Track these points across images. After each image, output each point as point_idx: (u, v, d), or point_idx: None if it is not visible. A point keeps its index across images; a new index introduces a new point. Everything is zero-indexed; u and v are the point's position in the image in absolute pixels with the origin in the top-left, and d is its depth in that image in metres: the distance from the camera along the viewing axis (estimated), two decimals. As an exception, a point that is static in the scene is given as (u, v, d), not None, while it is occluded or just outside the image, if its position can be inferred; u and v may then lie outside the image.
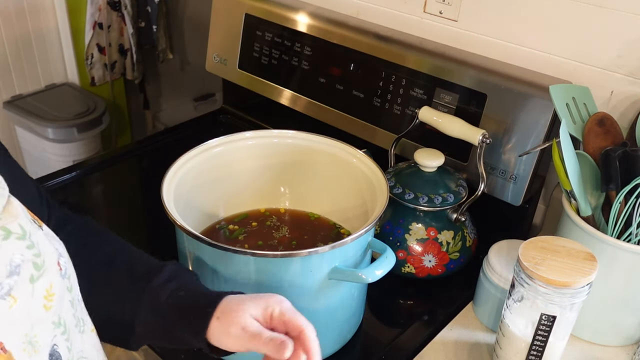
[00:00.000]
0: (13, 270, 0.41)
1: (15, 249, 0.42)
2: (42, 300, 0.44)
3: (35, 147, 1.78)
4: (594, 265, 0.65)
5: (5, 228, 0.42)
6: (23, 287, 0.42)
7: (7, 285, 0.41)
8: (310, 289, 0.68)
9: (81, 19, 1.79)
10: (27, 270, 0.43)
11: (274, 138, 0.86)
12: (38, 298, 0.43)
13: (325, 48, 1.06)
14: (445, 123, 0.88)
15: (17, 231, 0.42)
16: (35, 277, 0.43)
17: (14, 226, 0.42)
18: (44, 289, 0.44)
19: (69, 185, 1.09)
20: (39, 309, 0.44)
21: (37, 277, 0.43)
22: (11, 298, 0.41)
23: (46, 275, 0.44)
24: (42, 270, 0.44)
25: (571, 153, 0.72)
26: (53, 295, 0.45)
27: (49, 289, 0.45)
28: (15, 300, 0.41)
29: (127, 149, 1.25)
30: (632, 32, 0.81)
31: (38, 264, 0.44)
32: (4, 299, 0.40)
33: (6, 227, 0.42)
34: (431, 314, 0.84)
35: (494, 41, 0.94)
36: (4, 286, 0.40)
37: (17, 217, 0.43)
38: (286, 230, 0.85)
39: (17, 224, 0.42)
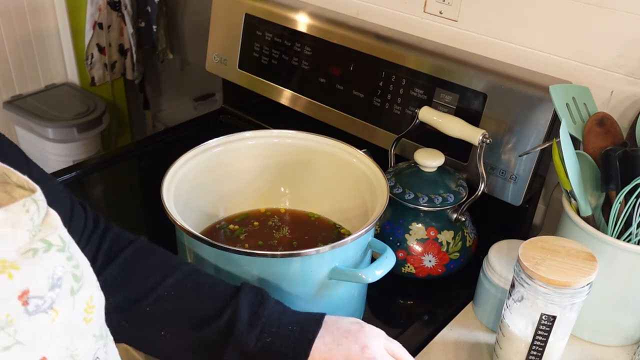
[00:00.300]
0: (55, 283, 0.40)
1: (56, 261, 0.41)
2: (82, 313, 0.43)
3: (35, 147, 1.78)
4: (594, 265, 0.65)
5: (46, 240, 0.41)
6: (64, 300, 0.41)
7: (49, 298, 0.40)
8: (310, 289, 0.68)
9: (81, 19, 1.79)
10: (68, 283, 0.42)
11: (274, 138, 0.86)
12: (79, 311, 0.43)
13: (325, 48, 1.06)
14: (445, 123, 0.88)
15: (57, 243, 0.41)
16: (75, 289, 0.42)
17: (54, 238, 0.41)
18: (84, 301, 0.43)
19: (69, 185, 1.09)
20: (80, 322, 0.43)
21: (77, 290, 0.43)
22: (53, 311, 0.40)
23: (85, 287, 0.43)
24: (82, 282, 0.43)
25: (571, 153, 0.72)
26: (93, 308, 0.44)
27: (89, 301, 0.44)
28: (57, 314, 0.40)
29: (127, 149, 1.25)
30: (632, 32, 0.81)
31: (77, 275, 0.43)
32: (46, 313, 0.40)
33: (47, 239, 0.41)
34: (431, 314, 0.84)
35: (494, 41, 0.94)
36: (47, 300, 0.40)
37: (56, 229, 0.42)
38: (287, 230, 0.85)
39: (57, 235, 0.42)
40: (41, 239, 0.40)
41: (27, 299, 0.39)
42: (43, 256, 0.40)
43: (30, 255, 0.39)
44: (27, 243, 0.40)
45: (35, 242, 0.40)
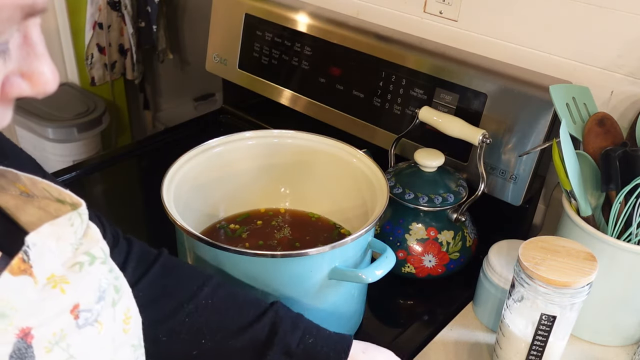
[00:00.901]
0: (101, 296, 0.41)
1: (101, 274, 0.41)
2: (121, 324, 0.43)
3: (35, 147, 1.78)
4: (594, 265, 0.65)
5: (90, 253, 0.41)
6: (107, 312, 0.41)
7: (96, 311, 0.40)
8: (310, 289, 0.68)
9: (81, 19, 1.79)
10: (110, 295, 0.42)
11: (274, 138, 0.86)
12: (119, 322, 0.43)
13: (325, 48, 1.06)
14: (445, 123, 0.88)
15: (100, 256, 0.42)
16: (116, 300, 0.43)
17: (96, 250, 0.41)
18: (122, 312, 0.44)
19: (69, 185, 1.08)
20: (120, 333, 0.43)
21: (117, 301, 0.43)
22: (98, 324, 0.40)
23: (123, 298, 0.44)
24: (121, 294, 0.43)
25: (571, 153, 0.72)
26: (130, 319, 0.44)
27: (127, 312, 0.44)
28: (102, 326, 0.41)
29: (127, 149, 1.25)
30: (632, 32, 0.81)
31: (117, 287, 0.43)
32: (92, 326, 0.40)
33: (90, 252, 0.41)
34: (431, 314, 0.84)
35: (494, 41, 0.94)
36: (94, 312, 0.40)
37: (98, 242, 0.42)
38: (287, 230, 0.85)
39: (99, 248, 0.42)
40: (85, 252, 0.41)
41: (78, 313, 0.39)
42: (89, 269, 0.40)
43: (77, 269, 0.40)
44: (71, 257, 0.40)
45: (79, 255, 0.40)
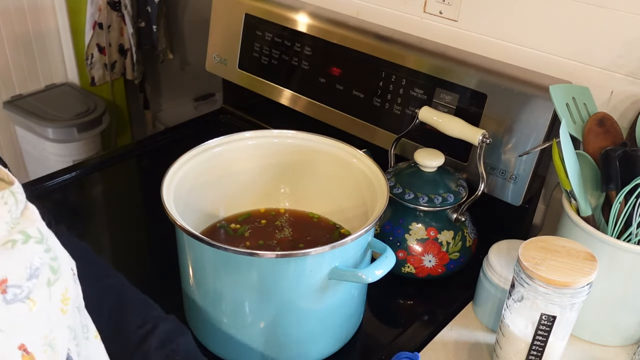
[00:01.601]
0: (32, 274, 0.42)
1: (34, 252, 0.42)
2: (59, 304, 0.44)
3: (35, 147, 1.78)
4: (594, 265, 0.65)
5: (25, 232, 0.42)
6: (41, 291, 0.42)
7: (27, 288, 0.41)
8: (310, 289, 0.68)
9: (81, 19, 1.79)
10: (45, 274, 0.43)
11: (274, 138, 0.86)
12: (55, 302, 0.44)
13: (325, 48, 1.06)
14: (445, 123, 0.88)
15: (35, 235, 0.43)
16: (52, 280, 0.44)
17: (32, 230, 0.42)
18: (60, 292, 0.44)
19: (69, 185, 1.09)
20: (57, 313, 0.44)
21: (54, 281, 0.44)
22: (30, 301, 0.41)
23: (62, 279, 0.45)
24: (58, 275, 0.44)
25: (571, 153, 0.72)
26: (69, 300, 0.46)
27: (65, 293, 0.45)
28: (35, 303, 0.42)
29: (127, 149, 1.25)
30: (632, 32, 0.81)
31: (54, 267, 0.44)
32: (23, 302, 0.41)
33: (25, 231, 0.42)
34: (431, 314, 0.84)
35: (494, 41, 0.94)
36: (24, 289, 0.41)
37: (35, 222, 0.43)
38: (288, 230, 0.85)
39: (35, 228, 0.43)
40: (20, 230, 0.42)
41: (5, 288, 0.40)
42: (21, 247, 0.41)
43: (9, 247, 0.41)
44: (6, 235, 0.41)
45: (14, 234, 0.41)
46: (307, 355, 0.74)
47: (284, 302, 0.68)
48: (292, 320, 0.70)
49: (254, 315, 0.69)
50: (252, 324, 0.70)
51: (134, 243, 1.00)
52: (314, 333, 0.72)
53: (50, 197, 1.05)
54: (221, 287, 0.69)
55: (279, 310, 0.69)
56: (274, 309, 0.69)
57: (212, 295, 0.71)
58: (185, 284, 0.75)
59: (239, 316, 0.70)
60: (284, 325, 0.70)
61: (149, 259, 0.97)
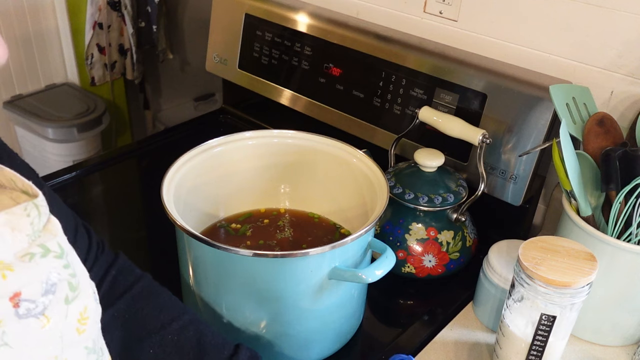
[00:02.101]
0: (49, 289, 0.40)
1: (52, 267, 0.41)
2: (75, 323, 0.42)
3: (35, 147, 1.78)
4: (594, 265, 0.65)
5: (44, 246, 0.40)
6: (57, 308, 0.41)
7: (41, 304, 0.40)
8: (310, 289, 0.68)
9: (81, 19, 1.79)
10: (63, 291, 0.41)
11: (274, 138, 0.86)
12: (72, 321, 0.42)
13: (325, 48, 1.06)
14: (445, 123, 0.88)
15: (55, 249, 0.41)
16: (70, 298, 0.42)
17: (52, 244, 0.41)
18: (77, 311, 0.43)
19: (69, 185, 1.09)
20: (72, 332, 0.42)
21: (72, 299, 0.42)
22: (44, 318, 0.40)
23: (80, 297, 0.43)
24: (77, 292, 0.43)
25: (571, 153, 0.72)
26: (87, 319, 0.44)
27: (83, 312, 0.43)
28: (49, 320, 0.40)
29: (127, 149, 1.25)
30: (632, 32, 0.81)
31: (73, 284, 0.42)
32: (37, 318, 0.39)
33: (45, 245, 0.40)
34: (431, 314, 0.84)
35: (494, 41, 0.94)
36: (39, 305, 0.39)
37: (56, 236, 0.42)
38: (288, 231, 0.85)
39: (55, 242, 0.41)
40: (39, 244, 0.40)
41: (19, 302, 0.38)
42: (39, 261, 0.40)
43: (27, 260, 0.39)
44: (26, 247, 0.39)
45: (33, 247, 0.40)
46: (307, 355, 0.74)
47: (284, 302, 0.68)
48: (292, 320, 0.70)
49: (254, 315, 0.69)
50: (252, 324, 0.70)
51: (134, 243, 1.00)
52: (314, 333, 0.72)
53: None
54: (221, 287, 0.69)
55: (279, 310, 0.69)
56: (274, 308, 0.69)
57: (212, 295, 0.71)
58: (185, 284, 0.75)
59: (239, 316, 0.70)
60: (284, 325, 0.70)
61: (149, 259, 0.97)
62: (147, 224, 1.05)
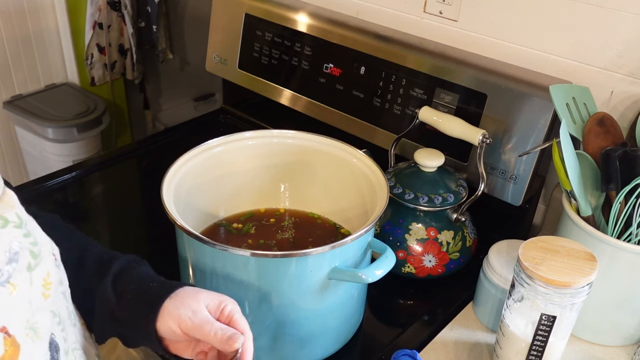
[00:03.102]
0: (12, 258, 0.42)
1: (13, 236, 0.43)
2: (40, 288, 0.45)
3: (35, 147, 1.78)
4: (594, 265, 0.65)
5: (3, 217, 0.42)
6: (21, 275, 0.43)
7: (6, 272, 0.42)
8: (310, 289, 0.68)
9: (81, 19, 1.79)
10: (25, 259, 0.43)
11: (274, 138, 0.86)
12: (37, 286, 0.44)
13: (325, 48, 1.06)
14: (445, 123, 0.88)
15: (14, 220, 0.43)
16: (32, 265, 0.44)
17: (11, 215, 0.43)
18: (41, 277, 0.45)
19: (69, 185, 1.09)
20: (39, 297, 0.44)
21: (34, 266, 0.44)
22: (10, 285, 0.42)
23: (42, 264, 0.45)
24: (39, 259, 0.45)
25: (571, 153, 0.72)
26: (50, 284, 0.46)
27: (46, 277, 0.46)
28: (15, 287, 0.42)
29: (127, 149, 1.25)
30: (632, 32, 0.81)
31: (35, 252, 0.44)
32: (3, 286, 0.41)
33: (3, 216, 0.43)
34: (431, 314, 0.84)
35: (494, 41, 0.94)
36: (4, 273, 0.41)
37: (13, 207, 0.44)
38: (288, 231, 0.85)
39: (14, 212, 0.43)
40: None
41: None
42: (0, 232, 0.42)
43: None
44: None
45: None
46: (307, 355, 0.74)
47: (284, 302, 0.68)
48: (292, 320, 0.70)
49: (254, 315, 0.69)
50: (252, 324, 0.70)
51: (134, 243, 1.00)
52: (314, 333, 0.72)
53: (50, 197, 1.05)
54: (221, 287, 0.69)
55: (278, 310, 0.69)
56: (274, 308, 0.69)
57: (212, 295, 0.71)
58: (185, 284, 0.75)
59: (239, 316, 0.70)
60: (284, 325, 0.70)
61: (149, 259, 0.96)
62: (147, 224, 1.05)
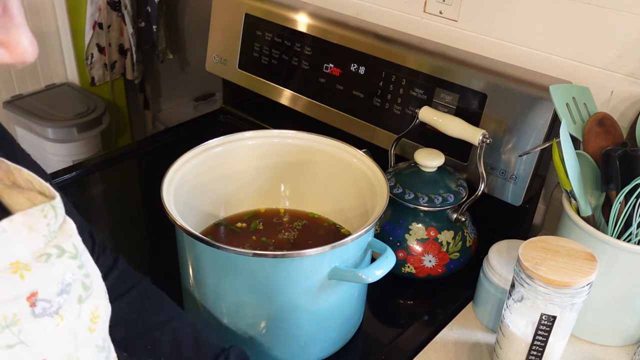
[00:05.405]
0: (64, 289, 0.41)
1: (67, 267, 0.42)
2: (88, 322, 0.44)
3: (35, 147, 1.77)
4: (594, 265, 0.65)
5: (60, 247, 0.42)
6: (71, 307, 0.42)
7: (56, 303, 0.41)
8: (310, 289, 0.68)
9: (81, 19, 1.79)
10: (76, 290, 0.42)
11: (274, 138, 0.86)
12: (84, 320, 0.43)
13: (325, 48, 1.06)
14: (445, 123, 0.88)
15: (70, 250, 0.42)
16: (83, 297, 0.43)
17: (67, 245, 0.42)
18: (89, 311, 0.44)
19: (69, 185, 1.09)
20: (85, 331, 0.43)
21: (85, 298, 0.43)
22: (59, 317, 0.41)
23: (93, 297, 0.44)
24: (90, 292, 0.44)
25: (571, 153, 0.72)
26: (98, 318, 0.45)
27: (95, 311, 0.44)
28: (62, 319, 0.41)
29: (127, 149, 1.25)
30: (632, 32, 0.81)
31: (87, 284, 0.44)
32: (52, 317, 0.40)
33: (61, 246, 0.42)
34: (431, 314, 0.84)
35: (494, 41, 0.94)
36: (54, 304, 0.40)
37: (71, 237, 0.43)
38: (289, 231, 0.85)
39: (70, 242, 0.43)
40: (55, 245, 0.41)
41: (35, 301, 0.39)
42: (55, 261, 0.41)
43: (43, 260, 0.40)
44: (42, 248, 0.40)
45: (49, 247, 0.41)
46: (307, 355, 0.74)
47: (284, 302, 0.68)
48: (292, 320, 0.70)
49: (254, 315, 0.70)
50: (252, 324, 0.70)
51: (134, 243, 1.00)
52: (314, 333, 0.72)
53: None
54: (221, 287, 0.69)
55: (279, 310, 0.69)
56: (274, 309, 0.69)
57: (213, 295, 0.71)
58: (185, 283, 0.75)
59: (239, 316, 0.70)
60: (284, 325, 0.70)
61: (149, 259, 0.97)
62: (147, 224, 1.05)
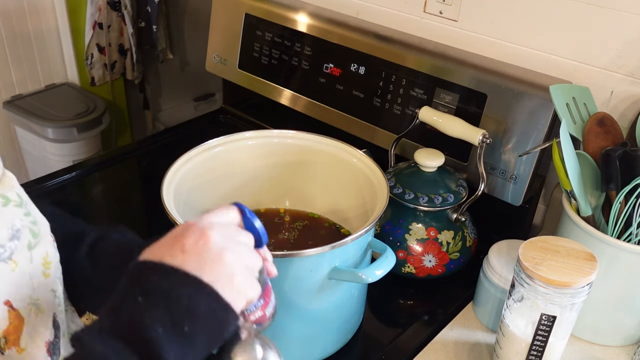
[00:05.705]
0: (14, 235, 0.44)
1: (14, 214, 0.44)
2: (40, 267, 0.46)
3: (35, 147, 1.77)
4: (594, 265, 0.65)
5: (4, 196, 0.44)
6: (22, 253, 0.44)
7: (8, 248, 0.43)
8: (311, 289, 0.68)
9: (81, 19, 1.79)
10: (25, 237, 0.45)
11: (274, 138, 0.86)
12: (37, 265, 0.46)
13: (325, 48, 1.06)
14: (445, 123, 0.88)
15: (15, 199, 0.45)
16: (32, 244, 0.45)
17: (12, 194, 0.45)
18: (41, 256, 0.46)
19: (69, 185, 1.09)
20: (39, 275, 0.46)
21: (34, 245, 0.46)
22: (12, 262, 0.43)
23: (42, 243, 0.47)
24: (39, 239, 0.46)
25: (571, 153, 0.72)
26: (50, 264, 0.47)
27: (46, 257, 0.47)
28: (17, 264, 0.44)
29: (127, 149, 1.25)
30: (632, 32, 0.81)
31: (35, 231, 0.46)
32: (5, 262, 0.43)
33: (5, 195, 0.44)
34: (431, 314, 0.84)
35: (494, 41, 0.94)
36: (6, 249, 0.43)
37: (13, 187, 0.45)
38: (289, 231, 0.85)
39: (14, 192, 0.45)
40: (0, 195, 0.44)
41: None
42: (2, 210, 0.44)
43: None
44: None
45: None
46: (307, 355, 0.74)
47: (284, 302, 0.68)
48: (293, 320, 0.70)
49: (254, 315, 0.69)
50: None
51: (134, 243, 1.00)
52: (314, 333, 0.72)
53: (50, 197, 1.05)
54: (221, 287, 0.69)
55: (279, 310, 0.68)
56: (274, 309, 0.68)
57: (212, 295, 0.71)
58: (185, 284, 0.75)
59: (239, 316, 0.70)
60: (285, 325, 0.70)
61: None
62: (147, 224, 1.05)
